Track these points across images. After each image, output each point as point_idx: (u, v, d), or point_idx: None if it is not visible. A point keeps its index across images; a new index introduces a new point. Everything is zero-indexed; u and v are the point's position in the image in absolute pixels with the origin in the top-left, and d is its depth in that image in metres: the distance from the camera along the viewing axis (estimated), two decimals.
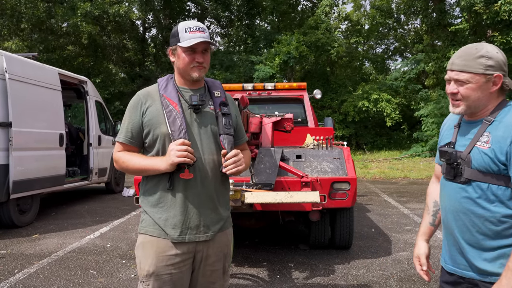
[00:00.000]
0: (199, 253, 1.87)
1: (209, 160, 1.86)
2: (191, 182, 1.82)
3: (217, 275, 1.94)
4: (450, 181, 1.68)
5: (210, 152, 1.87)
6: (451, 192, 1.68)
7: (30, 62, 6.42)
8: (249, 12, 24.16)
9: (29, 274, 4.09)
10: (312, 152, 4.45)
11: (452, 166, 1.64)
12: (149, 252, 1.85)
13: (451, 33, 17.79)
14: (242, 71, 20.38)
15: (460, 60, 1.61)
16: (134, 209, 7.44)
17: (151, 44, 25.75)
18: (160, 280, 1.82)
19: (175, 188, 1.83)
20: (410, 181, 11.69)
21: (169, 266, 1.82)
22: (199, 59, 1.86)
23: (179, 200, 1.83)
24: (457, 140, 1.69)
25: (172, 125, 1.81)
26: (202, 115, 1.89)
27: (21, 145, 5.83)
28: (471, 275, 1.64)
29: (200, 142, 1.86)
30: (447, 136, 1.77)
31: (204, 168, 1.85)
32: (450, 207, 1.69)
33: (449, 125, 1.81)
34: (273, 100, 6.99)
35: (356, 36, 26.01)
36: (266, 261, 4.45)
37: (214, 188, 1.88)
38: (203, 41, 1.83)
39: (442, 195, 1.76)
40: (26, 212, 6.24)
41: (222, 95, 1.97)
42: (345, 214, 4.45)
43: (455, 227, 1.67)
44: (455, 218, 1.67)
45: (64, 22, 20.26)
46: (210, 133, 1.88)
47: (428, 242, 1.91)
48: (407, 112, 21.95)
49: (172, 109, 1.84)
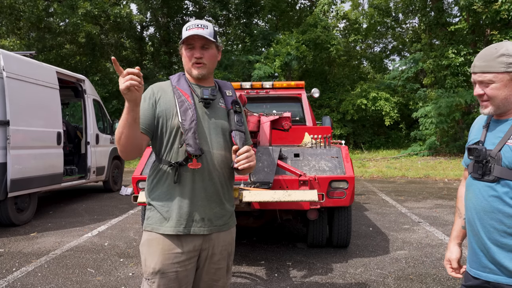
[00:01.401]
0: (204, 251, 1.88)
1: (217, 154, 1.88)
2: (199, 175, 1.83)
3: (221, 273, 1.95)
4: (478, 180, 1.64)
5: (219, 147, 1.88)
6: (479, 191, 1.64)
7: (27, 60, 6.40)
8: (247, 10, 24.13)
9: (27, 273, 4.09)
10: (310, 150, 4.45)
11: (481, 163, 1.61)
12: (155, 249, 1.84)
13: (449, 32, 17.82)
14: (240, 70, 20.37)
15: (481, 62, 1.60)
16: (132, 208, 7.43)
17: (148, 42, 25.71)
18: (166, 278, 1.81)
19: (182, 181, 1.83)
20: (408, 180, 11.72)
21: (175, 264, 1.82)
22: (197, 54, 1.87)
23: (187, 192, 1.83)
24: (486, 139, 1.67)
25: (183, 114, 1.82)
26: (212, 110, 1.92)
27: (18, 144, 5.82)
28: (497, 279, 1.60)
29: (210, 136, 1.87)
30: (475, 136, 1.75)
31: (212, 162, 1.86)
32: (477, 207, 1.65)
33: (478, 127, 1.78)
34: (271, 98, 6.99)
35: (354, 35, 26.02)
36: (264, 260, 4.45)
37: (220, 182, 1.89)
38: (197, 35, 1.83)
39: (468, 194, 1.72)
40: (24, 211, 6.24)
41: (234, 95, 2.01)
42: (343, 213, 4.45)
43: (481, 227, 1.63)
44: (481, 218, 1.63)
45: (64, 21, 20.20)
46: (220, 129, 1.91)
47: (460, 246, 1.89)
48: (405, 111, 21.99)
49: (184, 99, 1.86)
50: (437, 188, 9.90)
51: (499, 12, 15.16)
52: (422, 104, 18.97)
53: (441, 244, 5.03)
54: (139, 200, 3.72)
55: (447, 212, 6.98)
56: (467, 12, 16.79)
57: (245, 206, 3.79)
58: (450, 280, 3.84)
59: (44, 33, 21.37)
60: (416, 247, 4.92)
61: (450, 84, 17.37)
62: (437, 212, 6.99)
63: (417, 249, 4.82)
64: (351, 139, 22.49)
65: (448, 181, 11.28)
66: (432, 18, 18.74)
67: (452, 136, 18.36)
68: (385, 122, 20.42)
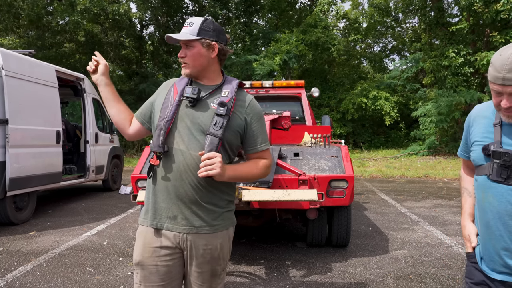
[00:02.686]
0: (184, 251, 1.85)
1: (193, 155, 1.79)
2: (170, 173, 1.82)
3: (204, 277, 1.87)
4: (499, 183, 1.60)
5: (197, 148, 1.80)
6: (501, 194, 1.60)
7: (26, 59, 6.39)
8: (246, 10, 24.11)
9: (25, 272, 4.08)
10: (310, 150, 4.45)
11: (506, 167, 1.57)
12: (139, 241, 1.90)
13: (449, 32, 17.81)
14: (240, 69, 20.36)
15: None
16: (131, 207, 7.42)
17: (148, 41, 25.68)
18: (146, 270, 1.85)
19: (156, 177, 1.86)
20: (407, 180, 11.71)
21: (154, 258, 1.84)
22: (180, 53, 1.88)
23: (160, 189, 1.84)
24: (503, 140, 1.62)
25: (163, 112, 1.84)
26: (199, 110, 1.84)
27: (17, 142, 5.80)
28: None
29: (188, 137, 1.81)
30: (484, 134, 1.71)
31: (185, 163, 1.80)
32: (501, 211, 1.61)
33: (485, 123, 1.73)
34: (271, 98, 6.99)
35: (354, 34, 26.01)
36: (263, 259, 4.44)
37: (193, 184, 1.80)
38: (171, 38, 1.85)
39: (487, 198, 1.67)
40: (22, 210, 6.22)
41: (230, 95, 1.85)
42: (342, 212, 4.44)
43: (506, 231, 1.61)
44: (506, 222, 1.60)
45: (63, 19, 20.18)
46: (201, 130, 1.81)
47: (474, 222, 1.85)
48: (404, 110, 21.99)
49: (170, 97, 1.87)
50: (437, 188, 9.89)
51: (499, 12, 15.15)
52: (422, 103, 18.98)
53: (440, 243, 5.03)
54: (138, 199, 3.71)
55: (446, 211, 6.97)
56: (468, 12, 16.78)
57: (245, 205, 3.79)
58: (450, 279, 3.84)
59: (44, 32, 21.34)
60: (416, 246, 4.92)
61: (450, 84, 17.37)
62: (437, 211, 6.99)
63: (416, 249, 4.81)
64: (351, 138, 22.49)
65: (447, 181, 11.28)
66: (432, 17, 18.73)
67: (452, 135, 18.36)
68: (385, 122, 20.41)
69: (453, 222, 6.15)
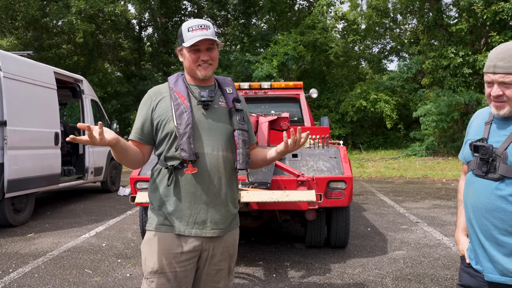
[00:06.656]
0: (205, 251, 1.86)
1: (219, 156, 1.85)
2: (199, 177, 1.82)
3: (222, 274, 1.93)
4: (481, 177, 1.62)
5: (221, 148, 1.86)
6: (481, 189, 1.62)
7: (25, 60, 6.38)
8: (245, 11, 24.11)
9: (24, 273, 4.07)
10: (308, 151, 4.45)
11: (486, 161, 1.59)
12: (155, 249, 1.84)
13: (448, 33, 17.83)
14: (239, 70, 20.36)
15: (504, 63, 1.55)
16: (130, 208, 7.41)
17: (147, 43, 25.68)
18: (165, 278, 1.81)
19: (180, 183, 1.82)
20: (406, 181, 11.72)
21: (174, 264, 1.81)
22: (204, 57, 1.86)
23: (185, 195, 1.82)
24: (490, 136, 1.64)
25: (179, 118, 1.81)
26: (212, 112, 1.89)
27: (16, 144, 5.79)
28: (491, 278, 1.61)
29: (210, 138, 1.85)
30: (476, 132, 1.73)
31: (214, 164, 1.84)
32: (478, 205, 1.63)
33: (479, 123, 1.75)
34: (270, 99, 6.99)
35: (352, 35, 26.03)
36: (262, 260, 4.44)
37: (224, 184, 1.87)
38: (205, 39, 1.83)
39: (469, 192, 1.69)
40: (21, 211, 6.21)
41: (234, 92, 1.99)
42: (341, 213, 4.44)
43: (482, 225, 1.62)
44: (483, 216, 1.62)
45: (59, 20, 20.16)
46: (221, 130, 1.88)
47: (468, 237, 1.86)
48: (403, 111, 22.00)
49: (180, 102, 1.84)
50: (435, 189, 9.90)
51: (498, 13, 15.18)
52: (421, 104, 18.98)
53: (439, 244, 5.03)
54: (137, 201, 3.71)
55: (445, 212, 6.98)
56: (467, 12, 16.81)
57: (243, 207, 3.79)
58: (448, 280, 3.84)
59: (41, 33, 21.32)
60: (414, 247, 4.92)
61: (449, 85, 17.39)
62: (435, 212, 6.99)
63: (415, 249, 4.82)
64: (350, 139, 22.50)
65: (446, 182, 11.29)
66: (430, 19, 18.76)
67: (450, 136, 18.38)
68: (386, 125, 20.37)
69: (451, 223, 6.15)
